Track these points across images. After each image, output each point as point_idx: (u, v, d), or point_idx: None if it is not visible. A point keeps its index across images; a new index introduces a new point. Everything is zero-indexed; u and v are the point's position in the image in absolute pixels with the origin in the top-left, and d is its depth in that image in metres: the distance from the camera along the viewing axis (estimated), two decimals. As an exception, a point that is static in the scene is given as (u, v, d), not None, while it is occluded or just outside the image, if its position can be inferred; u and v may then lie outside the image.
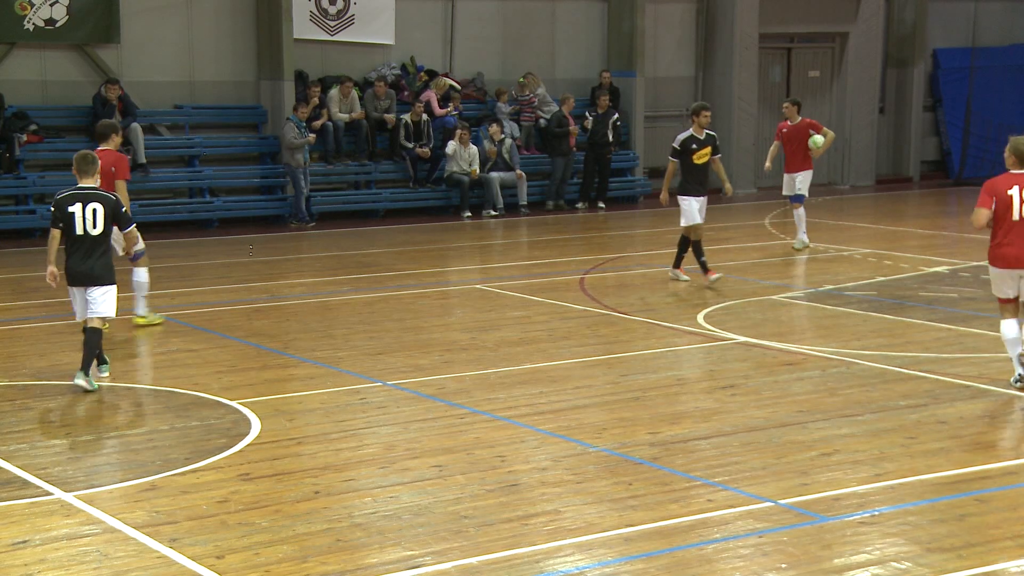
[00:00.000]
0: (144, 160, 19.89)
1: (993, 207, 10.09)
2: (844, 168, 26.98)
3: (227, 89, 21.71)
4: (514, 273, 16.42)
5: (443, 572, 6.64)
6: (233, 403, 9.92)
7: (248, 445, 8.85)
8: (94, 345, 10.40)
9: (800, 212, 17.83)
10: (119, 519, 7.37)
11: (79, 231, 10.31)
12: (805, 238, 17.80)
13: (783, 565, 6.70)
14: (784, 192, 18.13)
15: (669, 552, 6.90)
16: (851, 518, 7.36)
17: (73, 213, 10.30)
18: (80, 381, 10.22)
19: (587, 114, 23.27)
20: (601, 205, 23.24)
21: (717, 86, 25.54)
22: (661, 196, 15.63)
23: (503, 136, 22.49)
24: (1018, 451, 8.59)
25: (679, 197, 15.14)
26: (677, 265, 15.36)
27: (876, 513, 7.43)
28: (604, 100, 23.14)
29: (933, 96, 28.20)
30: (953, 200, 25.28)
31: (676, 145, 15.12)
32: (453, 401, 10.03)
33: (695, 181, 15.08)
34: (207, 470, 8.31)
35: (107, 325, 10.93)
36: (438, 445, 8.85)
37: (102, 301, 10.40)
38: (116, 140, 12.42)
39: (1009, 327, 10.30)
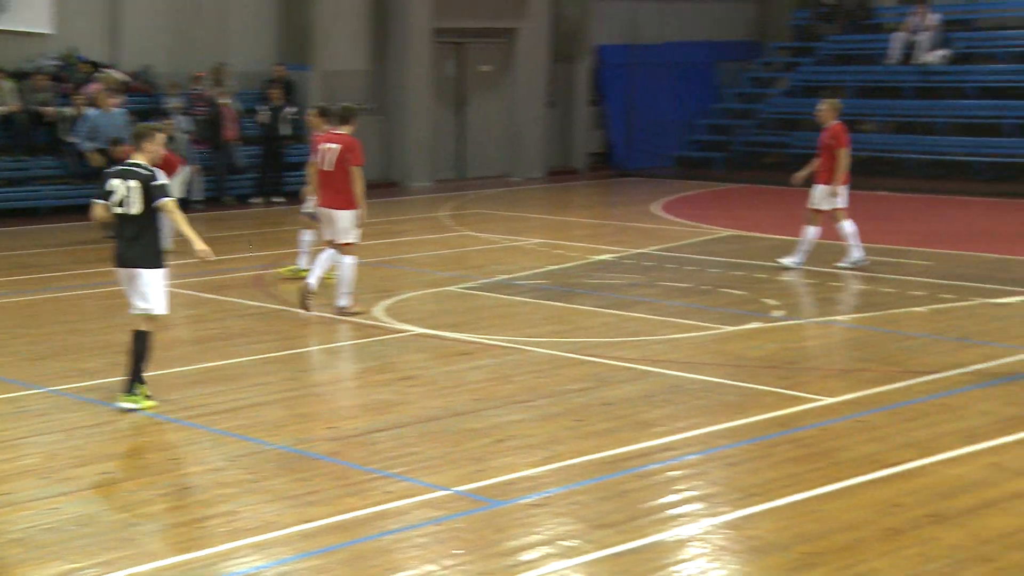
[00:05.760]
0: None
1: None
2: (515, 161, 27.63)
3: None
4: (187, 270, 15.96)
5: (112, 583, 6.40)
6: None
7: None
8: None
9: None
10: None
11: None
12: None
13: (459, 551, 6.81)
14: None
15: (348, 546, 6.90)
16: (523, 501, 7.55)
17: None
18: None
19: (260, 108, 22.97)
20: (276, 200, 22.95)
21: (392, 80, 25.67)
22: None
23: (176, 131, 21.84)
24: (674, 428, 9.03)
25: None
26: None
27: (547, 495, 7.65)
28: (276, 93, 22.90)
29: (597, 91, 29.28)
30: (617, 191, 26.33)
31: None
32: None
33: None
34: None
35: None
36: (106, 451, 8.52)
37: None
38: None
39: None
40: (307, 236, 14.76)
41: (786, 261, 15.41)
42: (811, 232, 15.32)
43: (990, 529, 7.05)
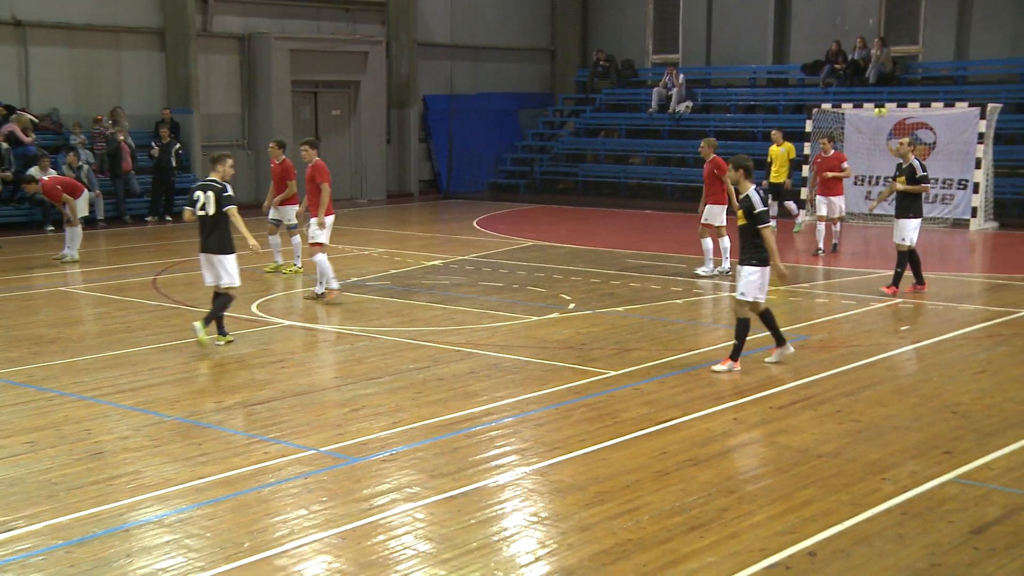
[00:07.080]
0: None
1: None
2: (363, 186, 27.48)
3: None
4: (95, 276, 15.37)
5: (35, 532, 6.14)
6: None
7: None
8: None
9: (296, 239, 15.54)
10: None
11: None
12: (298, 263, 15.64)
13: (325, 498, 6.76)
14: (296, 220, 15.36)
15: (234, 496, 6.78)
16: (375, 457, 7.54)
17: None
18: None
19: (153, 144, 22.46)
20: (168, 218, 22.35)
21: (260, 122, 25.19)
22: None
23: (80, 163, 21.04)
24: (494, 397, 9.12)
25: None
26: None
27: (394, 452, 7.66)
28: (165, 132, 22.44)
29: (425, 131, 29.31)
30: (444, 210, 26.37)
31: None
32: (42, 386, 9.27)
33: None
34: None
35: None
36: (29, 424, 8.15)
37: None
38: None
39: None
40: (275, 239, 15.52)
41: (700, 271, 15.14)
42: (709, 243, 15.20)
43: (732, 468, 7.36)
